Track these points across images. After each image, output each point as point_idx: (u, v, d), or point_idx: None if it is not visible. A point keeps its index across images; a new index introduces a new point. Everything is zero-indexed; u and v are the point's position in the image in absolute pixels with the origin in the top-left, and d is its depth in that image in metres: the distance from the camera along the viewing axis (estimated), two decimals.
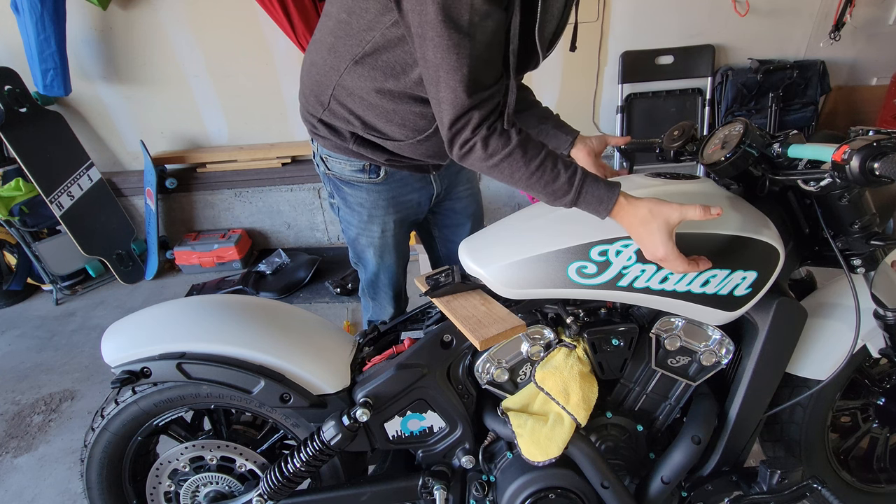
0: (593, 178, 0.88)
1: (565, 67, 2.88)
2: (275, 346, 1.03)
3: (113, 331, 1.06)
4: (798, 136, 0.91)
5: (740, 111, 2.79)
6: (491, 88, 0.86)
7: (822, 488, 0.98)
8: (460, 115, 0.86)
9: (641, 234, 0.85)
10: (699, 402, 1.06)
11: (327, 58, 1.04)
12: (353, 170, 1.19)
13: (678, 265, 0.84)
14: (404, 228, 1.35)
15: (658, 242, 0.83)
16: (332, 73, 1.05)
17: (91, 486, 1.11)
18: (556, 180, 0.87)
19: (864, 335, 1.03)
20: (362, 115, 1.08)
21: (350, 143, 1.13)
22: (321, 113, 1.13)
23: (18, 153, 2.64)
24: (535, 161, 0.87)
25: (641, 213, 0.84)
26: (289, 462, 1.02)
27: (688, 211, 0.82)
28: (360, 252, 1.38)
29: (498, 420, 1.04)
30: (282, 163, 2.97)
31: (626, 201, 0.86)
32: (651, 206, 0.83)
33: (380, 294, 1.49)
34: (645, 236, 0.84)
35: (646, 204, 0.84)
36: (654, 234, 0.83)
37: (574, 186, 0.87)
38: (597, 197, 0.87)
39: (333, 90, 1.07)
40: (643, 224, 0.84)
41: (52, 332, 2.60)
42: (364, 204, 1.25)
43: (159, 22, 2.70)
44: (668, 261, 0.84)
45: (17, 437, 1.95)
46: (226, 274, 3.03)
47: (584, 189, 0.87)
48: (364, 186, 1.22)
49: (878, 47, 2.79)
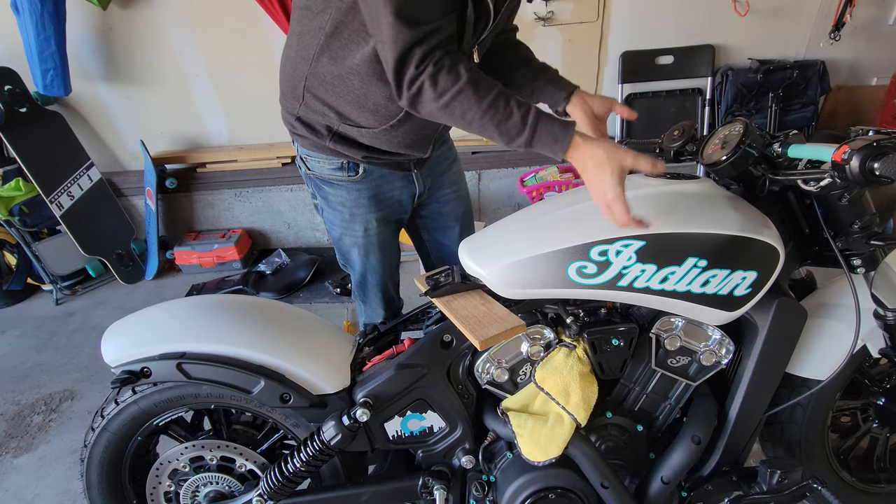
0: (548, 116, 0.87)
1: (565, 67, 2.88)
2: (275, 346, 1.02)
3: (113, 331, 1.06)
4: (798, 136, 0.91)
5: (740, 111, 2.79)
6: (435, 21, 0.83)
7: (822, 488, 0.98)
8: (403, 52, 0.84)
9: (594, 176, 0.85)
10: (699, 402, 1.06)
11: (298, 49, 1.06)
12: (331, 168, 1.19)
13: (621, 215, 0.84)
14: (389, 228, 1.34)
15: (609, 185, 0.83)
16: (303, 64, 1.06)
17: (91, 486, 1.11)
18: (510, 118, 0.86)
19: (864, 335, 1.03)
20: (335, 104, 1.08)
21: (327, 141, 1.13)
22: (297, 109, 1.14)
23: (18, 153, 2.64)
24: (488, 98, 0.86)
25: (598, 154, 0.84)
26: (289, 462, 1.02)
27: (640, 160, 0.83)
28: (345, 252, 1.37)
29: (498, 420, 1.04)
30: (282, 163, 2.97)
31: (581, 141, 0.85)
32: (607, 148, 0.83)
33: (369, 296, 1.48)
34: (597, 178, 0.84)
35: (602, 145, 0.84)
36: (606, 177, 0.83)
37: (528, 125, 0.86)
38: (552, 135, 0.86)
39: (306, 81, 1.08)
40: (598, 165, 0.84)
41: (52, 332, 2.60)
42: (345, 203, 1.25)
43: (159, 22, 2.70)
44: (614, 207, 0.84)
45: (17, 437, 1.95)
46: (226, 274, 3.03)
47: (538, 127, 0.86)
48: (344, 185, 1.22)
49: (878, 47, 2.79)
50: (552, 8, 2.69)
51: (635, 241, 0.89)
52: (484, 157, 3.02)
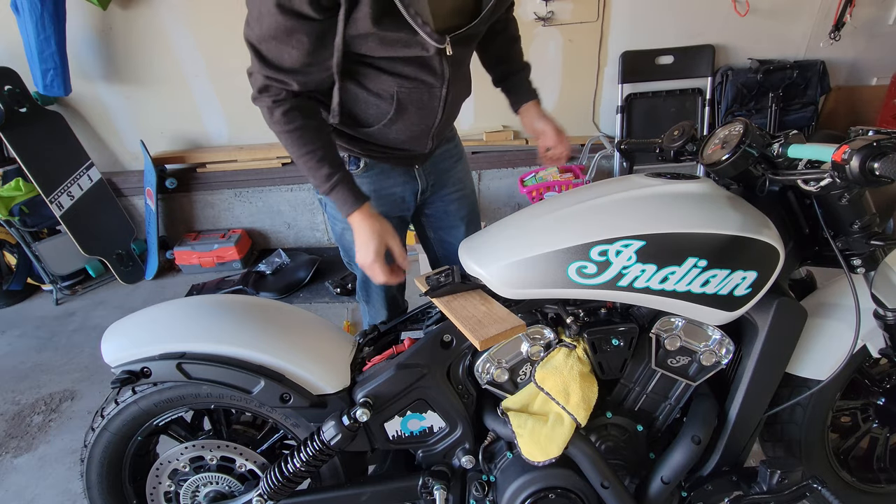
0: (347, 185, 1.05)
1: (565, 67, 2.88)
2: (275, 346, 1.02)
3: (113, 331, 1.06)
4: (798, 136, 0.91)
5: (740, 111, 2.80)
6: (284, 69, 0.95)
7: (822, 488, 0.98)
8: (249, 73, 1.00)
9: (360, 243, 1.07)
10: (699, 402, 1.06)
11: None
12: None
13: (378, 276, 1.07)
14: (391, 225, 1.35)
15: (370, 253, 1.06)
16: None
17: (91, 486, 1.11)
18: (318, 171, 1.04)
19: (864, 335, 1.03)
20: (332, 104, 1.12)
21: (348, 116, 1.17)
22: None
23: (18, 153, 2.65)
24: (307, 148, 1.02)
25: (369, 229, 1.06)
26: (289, 462, 1.02)
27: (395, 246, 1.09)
28: (347, 248, 1.37)
29: (498, 420, 1.04)
30: (282, 163, 2.97)
31: (363, 215, 1.06)
32: (379, 228, 1.06)
33: (372, 296, 1.49)
34: (362, 245, 1.07)
35: (375, 224, 1.06)
36: (370, 246, 1.05)
37: (329, 184, 1.04)
38: (342, 200, 1.05)
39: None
40: (367, 237, 1.06)
41: (52, 332, 2.60)
42: None
43: (159, 22, 2.70)
44: (372, 270, 1.06)
45: (17, 437, 1.95)
46: (226, 274, 3.03)
47: (335, 190, 1.05)
48: None
49: (878, 47, 2.79)
50: (552, 8, 2.70)
51: (635, 241, 0.89)
52: (484, 157, 3.02)
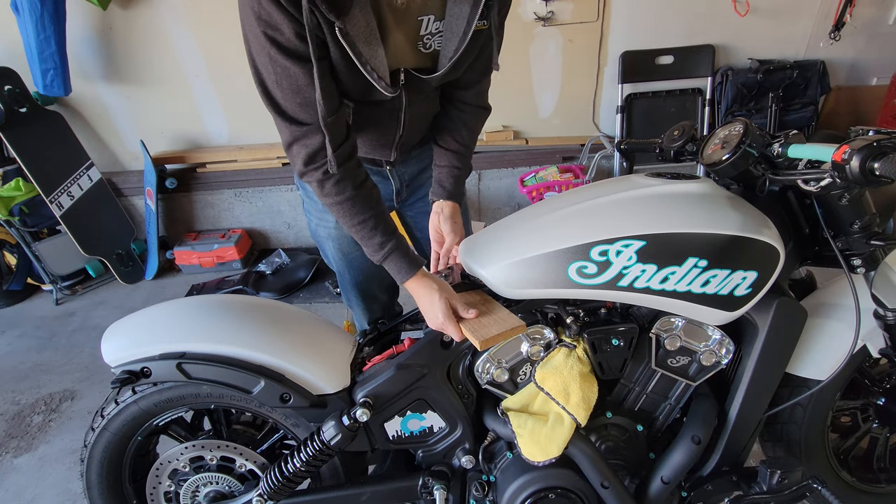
0: (402, 252, 1.03)
1: (565, 67, 2.88)
2: (275, 346, 1.02)
3: (113, 331, 1.06)
4: (798, 136, 0.91)
5: (740, 111, 2.80)
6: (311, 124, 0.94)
7: (821, 488, 0.98)
8: (288, 144, 0.98)
9: (426, 307, 1.01)
10: (699, 402, 1.06)
11: None
12: None
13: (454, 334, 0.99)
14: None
15: (440, 314, 0.99)
16: None
17: (91, 486, 1.11)
18: (372, 240, 1.02)
19: (864, 335, 1.03)
20: None
21: None
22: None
23: (18, 153, 2.65)
24: (359, 218, 1.01)
25: (431, 292, 1.00)
26: (289, 462, 1.02)
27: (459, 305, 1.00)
28: (321, 244, 1.39)
29: (498, 420, 1.04)
30: (282, 163, 2.97)
31: (420, 278, 1.02)
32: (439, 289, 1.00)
33: (350, 297, 1.48)
34: (428, 309, 1.01)
35: (435, 285, 1.01)
36: (436, 309, 0.99)
37: (383, 252, 1.03)
38: (398, 267, 1.03)
39: None
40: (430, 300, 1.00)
41: (52, 332, 2.60)
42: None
43: (159, 22, 2.70)
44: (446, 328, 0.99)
45: (17, 437, 1.95)
46: (226, 274, 3.03)
47: (390, 257, 1.03)
48: None
49: (878, 47, 2.79)
50: (552, 8, 2.70)
51: (636, 241, 0.89)
52: (484, 157, 3.02)
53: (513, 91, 2.93)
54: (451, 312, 0.99)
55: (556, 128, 3.05)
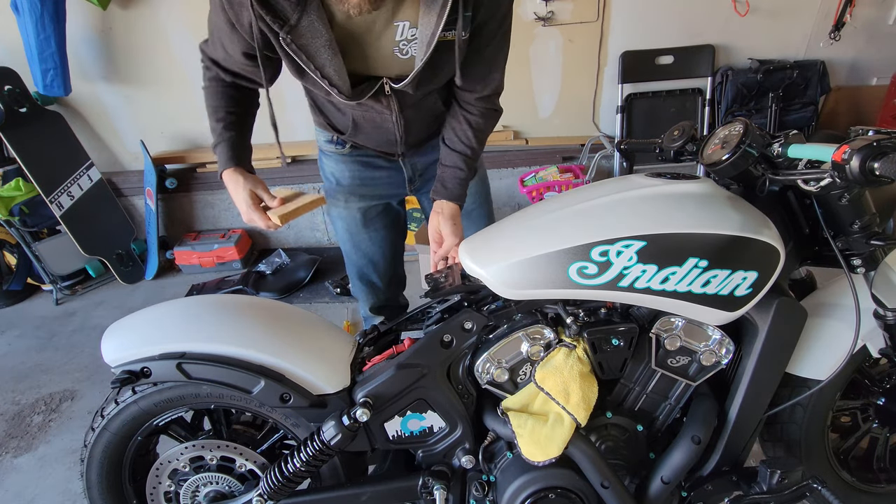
0: (228, 146, 1.14)
1: (565, 67, 2.88)
2: (275, 346, 1.02)
3: (113, 331, 1.06)
4: (798, 136, 0.91)
5: (740, 111, 2.80)
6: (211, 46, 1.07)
7: (822, 488, 0.98)
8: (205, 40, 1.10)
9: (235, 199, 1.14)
10: (699, 402, 1.06)
11: None
12: (325, 140, 1.33)
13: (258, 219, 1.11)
14: (375, 210, 1.40)
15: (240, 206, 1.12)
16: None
17: (91, 486, 1.11)
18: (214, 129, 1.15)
19: (864, 335, 1.03)
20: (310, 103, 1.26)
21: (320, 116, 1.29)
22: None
23: (18, 153, 2.65)
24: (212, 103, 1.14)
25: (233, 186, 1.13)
26: (289, 462, 1.02)
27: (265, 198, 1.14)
28: (334, 223, 1.46)
29: (498, 420, 1.04)
30: (282, 163, 2.97)
31: (229, 176, 1.13)
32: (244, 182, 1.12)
33: (353, 279, 1.54)
34: (235, 200, 1.13)
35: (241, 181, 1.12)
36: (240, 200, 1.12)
37: (214, 141, 1.15)
38: (219, 159, 1.15)
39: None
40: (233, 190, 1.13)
41: (52, 332, 2.60)
42: (334, 172, 1.36)
43: (159, 22, 2.70)
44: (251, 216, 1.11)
45: (17, 437, 1.95)
46: (226, 274, 3.03)
47: (217, 147, 1.15)
48: (333, 156, 1.34)
49: (878, 47, 2.79)
50: (552, 8, 2.70)
51: (636, 241, 0.89)
52: (484, 157, 3.00)
53: (513, 91, 2.91)
54: (254, 201, 1.11)
55: (556, 128, 3.05)
